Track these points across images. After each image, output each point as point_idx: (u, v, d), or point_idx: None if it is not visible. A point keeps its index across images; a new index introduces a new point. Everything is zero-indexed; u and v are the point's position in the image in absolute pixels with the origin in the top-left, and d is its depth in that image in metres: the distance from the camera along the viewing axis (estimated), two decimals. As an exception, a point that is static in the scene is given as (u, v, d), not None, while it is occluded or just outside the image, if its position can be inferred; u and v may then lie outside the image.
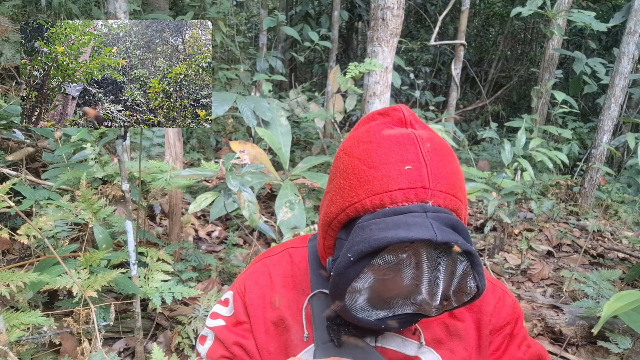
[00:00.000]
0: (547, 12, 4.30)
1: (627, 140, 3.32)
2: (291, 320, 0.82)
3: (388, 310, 0.70)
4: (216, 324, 0.87)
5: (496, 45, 9.17)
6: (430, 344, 0.80)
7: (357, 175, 0.68)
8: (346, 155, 0.73)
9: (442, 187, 0.65)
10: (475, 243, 3.33)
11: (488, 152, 6.42)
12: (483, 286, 0.65)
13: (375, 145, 0.69)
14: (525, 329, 0.89)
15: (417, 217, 0.61)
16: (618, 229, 3.93)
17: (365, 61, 2.72)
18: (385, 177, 0.65)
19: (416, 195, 0.64)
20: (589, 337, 2.19)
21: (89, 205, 1.67)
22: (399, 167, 0.65)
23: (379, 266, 0.64)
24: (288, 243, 0.93)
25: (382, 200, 0.64)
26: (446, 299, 0.67)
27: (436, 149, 0.68)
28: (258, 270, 0.88)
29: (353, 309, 0.69)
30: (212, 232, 2.91)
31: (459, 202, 0.67)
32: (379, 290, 0.68)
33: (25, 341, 1.41)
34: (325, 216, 0.74)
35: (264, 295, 0.84)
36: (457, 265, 0.64)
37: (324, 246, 0.77)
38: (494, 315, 0.84)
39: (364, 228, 0.63)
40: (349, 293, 0.66)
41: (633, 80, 4.90)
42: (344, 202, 0.69)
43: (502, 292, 0.87)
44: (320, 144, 4.34)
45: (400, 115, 0.72)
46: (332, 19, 5.46)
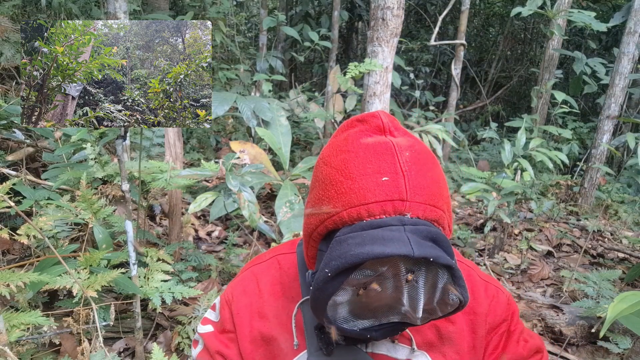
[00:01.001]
0: (547, 12, 4.30)
1: (627, 140, 3.32)
2: (280, 329, 0.80)
3: (373, 320, 0.69)
4: (205, 330, 0.88)
5: (496, 45, 9.17)
6: (422, 348, 0.79)
7: (334, 187, 0.67)
8: (325, 164, 0.72)
9: (420, 198, 0.63)
10: (475, 243, 3.33)
11: (488, 152, 6.42)
12: (466, 299, 0.63)
13: (352, 155, 0.68)
14: (521, 323, 0.89)
15: (394, 232, 0.60)
16: (618, 229, 3.93)
17: (365, 61, 2.72)
18: (362, 189, 0.64)
19: (394, 208, 0.62)
20: (589, 337, 2.19)
21: (89, 205, 1.66)
22: (376, 178, 0.64)
23: (357, 280, 0.62)
24: (277, 249, 0.92)
25: (359, 213, 0.63)
26: (430, 311, 0.66)
27: (415, 158, 0.66)
28: (246, 278, 0.88)
29: (337, 320, 0.67)
30: (212, 232, 2.91)
31: (440, 212, 0.65)
32: (360, 302, 0.67)
33: (25, 341, 1.41)
34: (306, 227, 0.73)
35: (251, 304, 0.84)
36: (438, 279, 0.62)
37: (307, 255, 0.76)
38: (489, 314, 0.83)
39: (341, 242, 0.62)
40: (330, 306, 0.65)
41: (633, 80, 4.90)
42: (322, 214, 0.68)
43: (495, 290, 0.86)
44: (320, 144, 4.34)
45: (379, 122, 0.70)
46: (332, 19, 5.46)
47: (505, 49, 8.98)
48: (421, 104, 6.73)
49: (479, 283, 0.85)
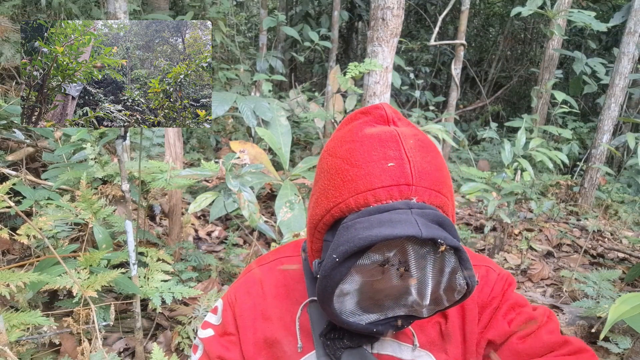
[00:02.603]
0: (547, 12, 4.30)
1: (627, 140, 3.32)
2: (284, 331, 0.80)
3: (379, 313, 0.69)
4: (206, 335, 0.86)
5: (496, 45, 9.17)
6: (425, 347, 0.78)
7: (340, 175, 0.67)
8: (330, 155, 0.72)
9: (426, 183, 0.64)
10: (475, 243, 3.33)
11: (488, 152, 6.42)
12: (473, 283, 0.64)
13: (357, 144, 0.68)
14: (517, 296, 0.83)
15: (402, 214, 0.60)
16: (618, 229, 3.92)
17: (365, 61, 2.72)
18: (369, 175, 0.64)
19: (400, 193, 0.63)
20: (589, 337, 2.19)
21: (89, 205, 1.66)
22: (382, 164, 0.64)
23: (365, 266, 0.62)
24: (280, 252, 0.91)
25: (366, 199, 0.64)
26: (437, 299, 0.66)
27: (419, 146, 0.67)
28: (249, 280, 0.87)
29: (343, 313, 0.67)
30: (212, 232, 2.91)
31: (444, 198, 0.66)
32: (367, 291, 0.66)
33: (25, 341, 1.41)
34: (311, 219, 0.73)
35: (255, 306, 0.83)
36: (445, 263, 0.63)
37: (311, 250, 0.76)
38: (479, 295, 0.81)
39: (349, 228, 0.62)
40: (337, 296, 0.65)
41: (633, 80, 4.90)
42: (329, 203, 0.68)
43: (485, 270, 0.84)
44: (320, 144, 4.34)
45: (382, 113, 0.71)
46: (332, 19, 5.46)
47: (505, 49, 8.98)
48: (421, 104, 6.72)
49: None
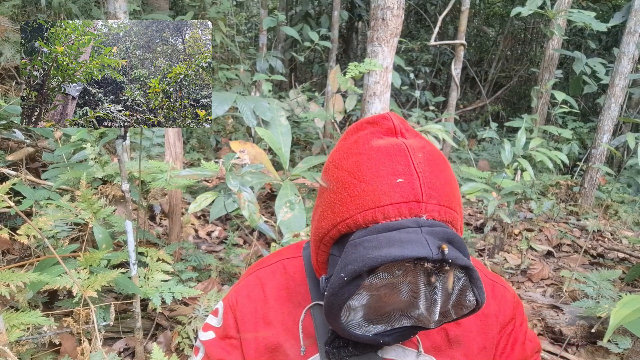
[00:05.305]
0: (547, 12, 4.30)
1: (627, 140, 3.32)
2: (286, 335, 0.79)
3: (386, 325, 0.68)
4: (207, 337, 0.86)
5: (496, 45, 9.17)
6: (429, 352, 0.78)
7: (347, 190, 0.66)
8: (335, 167, 0.70)
9: (436, 199, 0.63)
10: (475, 243, 3.33)
11: (488, 152, 6.42)
12: (482, 300, 0.63)
13: (365, 157, 0.66)
14: (525, 320, 0.89)
15: (412, 233, 0.59)
16: (618, 229, 3.92)
17: (365, 61, 2.72)
18: (377, 191, 0.63)
19: (409, 210, 0.61)
20: (589, 337, 2.19)
21: (89, 205, 1.66)
22: (391, 180, 0.63)
23: (374, 284, 0.61)
24: (282, 253, 0.90)
25: (374, 215, 0.62)
26: (445, 313, 0.65)
27: (428, 159, 0.66)
28: (250, 283, 0.86)
29: (350, 326, 0.66)
30: (212, 232, 2.92)
31: (454, 213, 0.65)
32: (375, 306, 0.66)
33: (25, 341, 1.41)
34: (316, 231, 0.72)
35: (256, 310, 0.82)
36: (455, 280, 0.61)
37: (317, 261, 0.75)
38: (499, 314, 0.82)
39: (357, 246, 0.60)
40: (344, 311, 0.64)
41: (633, 80, 4.90)
42: (335, 217, 0.67)
43: (502, 290, 0.86)
44: (320, 144, 4.34)
45: (390, 124, 0.70)
46: (332, 19, 5.46)
47: (505, 49, 8.98)
48: (421, 104, 6.72)
49: (486, 283, 0.84)
